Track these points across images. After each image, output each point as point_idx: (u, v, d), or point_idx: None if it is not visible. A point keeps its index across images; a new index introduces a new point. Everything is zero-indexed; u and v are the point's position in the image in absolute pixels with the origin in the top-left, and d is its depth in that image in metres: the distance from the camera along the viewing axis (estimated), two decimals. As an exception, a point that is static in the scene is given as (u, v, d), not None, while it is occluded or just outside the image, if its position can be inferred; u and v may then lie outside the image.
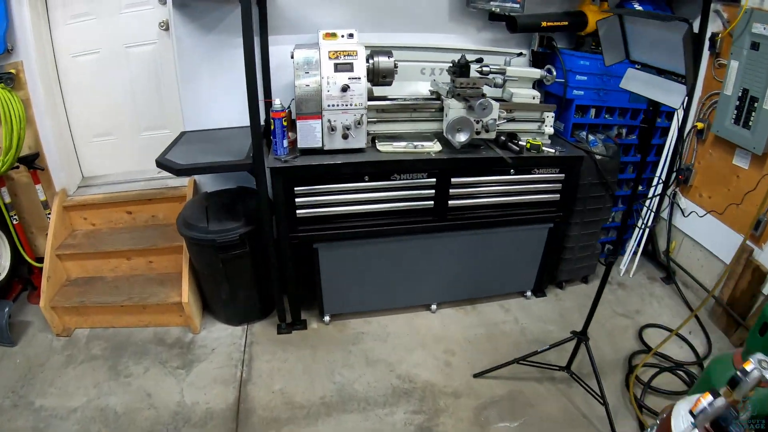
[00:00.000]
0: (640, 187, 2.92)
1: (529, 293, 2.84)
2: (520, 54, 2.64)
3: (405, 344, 2.47)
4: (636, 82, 1.64)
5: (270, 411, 2.06)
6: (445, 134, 2.24)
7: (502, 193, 2.41)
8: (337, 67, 2.08)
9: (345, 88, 2.07)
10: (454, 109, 2.19)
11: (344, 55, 2.09)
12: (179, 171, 2.10)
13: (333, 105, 2.10)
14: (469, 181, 2.33)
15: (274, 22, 2.45)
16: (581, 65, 2.47)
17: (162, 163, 2.13)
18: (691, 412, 1.12)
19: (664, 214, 3.06)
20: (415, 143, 2.26)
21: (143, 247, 2.60)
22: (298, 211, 2.21)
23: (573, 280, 2.98)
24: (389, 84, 2.25)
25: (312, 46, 2.13)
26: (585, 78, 2.49)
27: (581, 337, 2.08)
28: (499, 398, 2.17)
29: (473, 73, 2.26)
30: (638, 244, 3.07)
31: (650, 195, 2.95)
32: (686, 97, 1.42)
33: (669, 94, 1.48)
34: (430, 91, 2.53)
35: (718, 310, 2.70)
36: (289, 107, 2.23)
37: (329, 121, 2.12)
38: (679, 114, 2.69)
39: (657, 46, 1.50)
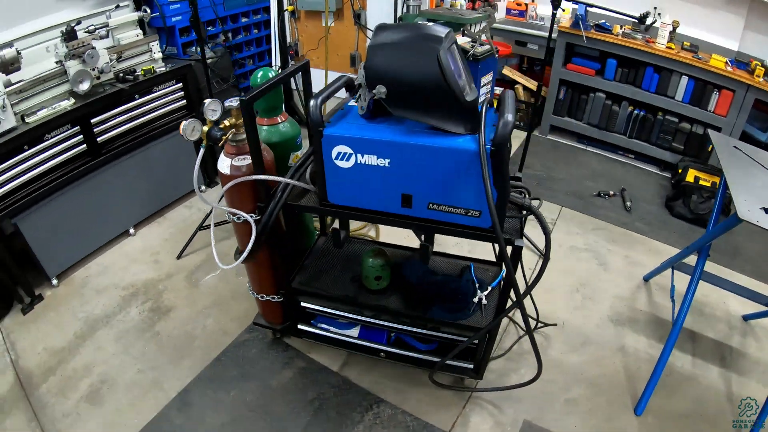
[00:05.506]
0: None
1: (203, 187, 3.64)
2: (117, 6, 3.03)
3: (121, 266, 3.06)
4: None
5: (43, 366, 2.45)
6: (72, 88, 2.64)
7: (140, 114, 2.97)
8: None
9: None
10: (72, 66, 2.60)
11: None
12: None
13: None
14: (105, 117, 2.80)
15: None
16: (171, -4, 3.02)
17: None
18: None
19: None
20: (54, 106, 2.59)
21: None
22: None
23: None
24: (19, 69, 2.48)
25: None
26: (179, 5, 3.06)
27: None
28: (200, 261, 3.04)
29: (83, 35, 2.65)
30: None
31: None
32: None
33: None
34: (55, 62, 2.70)
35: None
36: None
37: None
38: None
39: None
